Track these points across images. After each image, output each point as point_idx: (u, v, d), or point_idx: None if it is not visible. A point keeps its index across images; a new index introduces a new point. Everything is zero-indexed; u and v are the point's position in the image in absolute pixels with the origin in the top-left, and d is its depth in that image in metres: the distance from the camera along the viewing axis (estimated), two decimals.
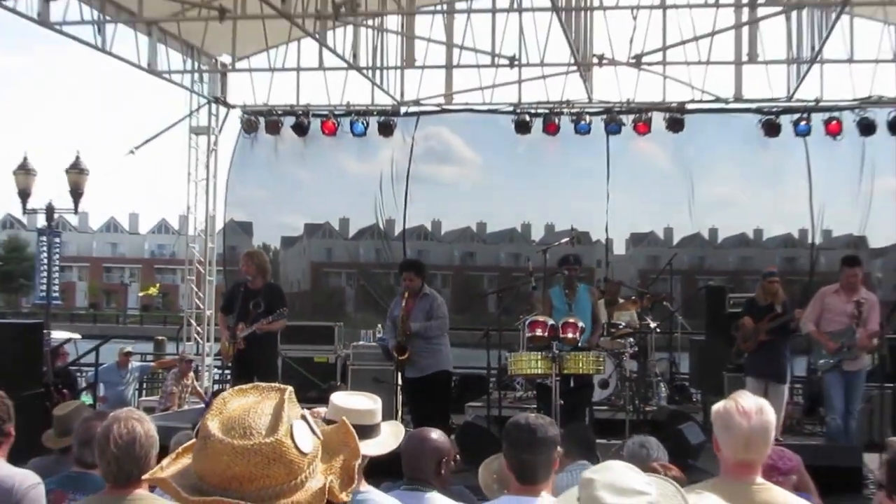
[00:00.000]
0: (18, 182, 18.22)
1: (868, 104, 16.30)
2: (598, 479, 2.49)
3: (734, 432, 4.01)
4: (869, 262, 17.11)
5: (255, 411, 2.02)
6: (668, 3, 14.87)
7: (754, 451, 4.04)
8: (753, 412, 4.01)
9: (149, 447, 4.00)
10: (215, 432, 1.95)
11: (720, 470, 4.16)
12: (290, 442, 1.97)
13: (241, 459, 1.93)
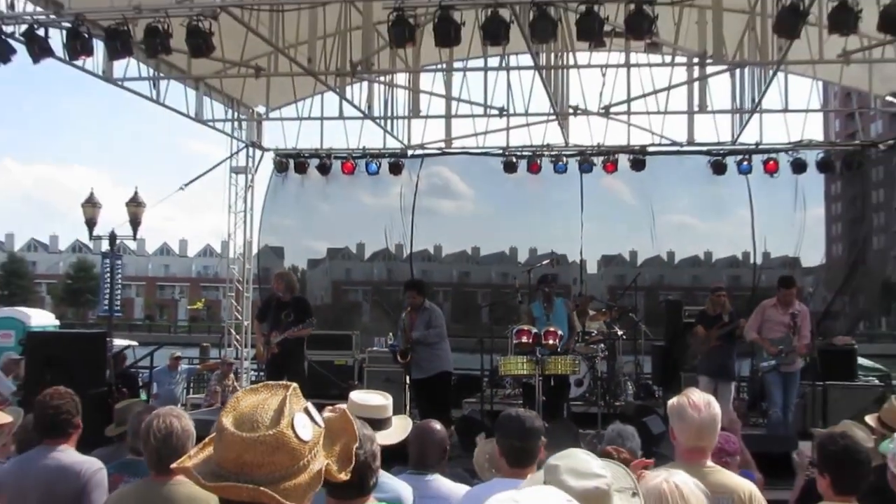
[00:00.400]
0: (86, 213, 18.17)
1: (800, 147, 16.40)
2: (562, 464, 2.48)
3: (687, 423, 4.03)
4: (801, 279, 17.11)
5: (262, 407, 2.05)
6: (631, 63, 14.90)
7: (705, 438, 4.05)
8: (703, 406, 4.03)
9: (185, 440, 4.02)
10: (228, 426, 2.01)
11: (676, 455, 4.17)
12: (291, 432, 2.01)
13: (250, 449, 1.97)
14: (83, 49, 10.56)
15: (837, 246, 22.75)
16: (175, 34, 10.42)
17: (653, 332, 15.81)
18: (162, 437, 4.02)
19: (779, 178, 16.55)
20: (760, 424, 12.43)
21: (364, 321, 20.27)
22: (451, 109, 16.42)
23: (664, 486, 2.83)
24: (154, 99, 13.87)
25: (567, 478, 2.42)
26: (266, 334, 11.72)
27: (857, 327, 19.60)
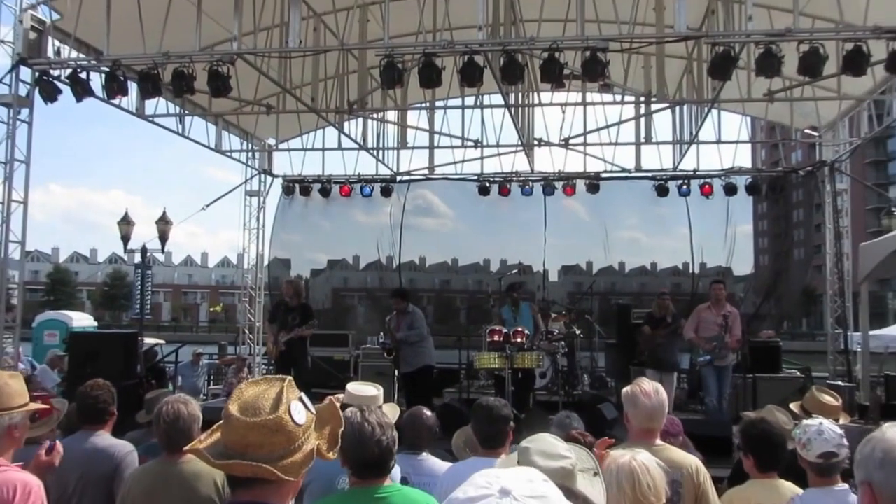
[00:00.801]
0: (121, 230, 18.11)
1: (731, 173, 16.50)
2: (532, 447, 2.49)
3: (640, 408, 4.05)
4: (733, 286, 17.19)
5: (263, 396, 2.10)
6: (587, 101, 15.01)
7: (655, 421, 4.08)
8: (653, 393, 4.06)
9: (190, 422, 4.05)
10: (234, 413, 2.06)
11: (629, 436, 4.18)
12: (288, 417, 2.07)
13: (253, 432, 2.03)
14: (119, 90, 10.55)
15: (764, 257, 22.88)
16: (198, 77, 10.42)
17: (606, 332, 15.85)
18: (170, 420, 4.08)
19: (713, 200, 16.65)
20: (699, 411, 12.46)
21: (359, 322, 20.19)
22: (434, 141, 16.44)
23: (633, 464, 2.88)
24: (180, 132, 13.82)
25: (537, 458, 2.43)
26: (275, 334, 11.72)
27: (781, 327, 19.70)
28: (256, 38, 10.99)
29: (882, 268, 11.98)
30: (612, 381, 14.88)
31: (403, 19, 11.92)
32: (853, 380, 13.76)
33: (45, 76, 10.49)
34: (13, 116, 10.55)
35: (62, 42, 10.91)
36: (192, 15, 10.20)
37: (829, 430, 3.84)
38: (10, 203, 10.51)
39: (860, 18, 9.30)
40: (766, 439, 4.04)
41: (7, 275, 10.70)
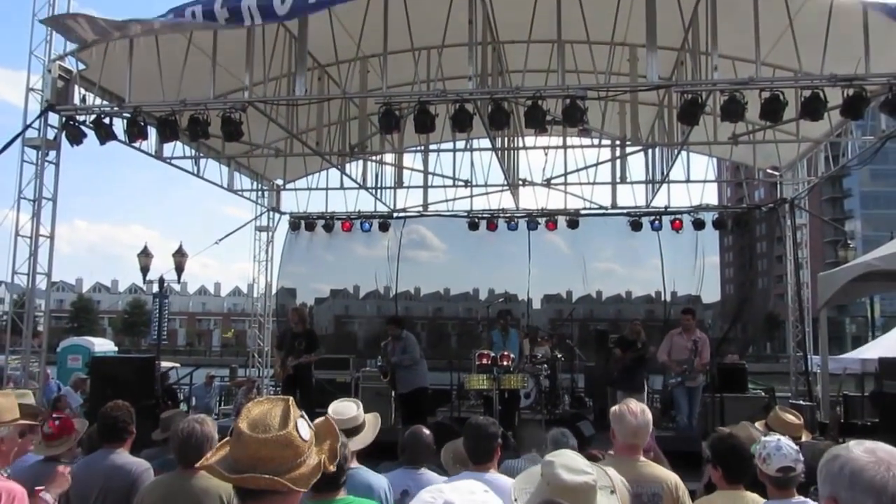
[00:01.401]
0: (141, 262, 18.09)
1: (699, 209, 16.55)
2: (557, 461, 2.47)
3: (626, 425, 4.05)
4: (702, 313, 17.19)
5: (270, 414, 2.11)
6: (567, 144, 15.10)
7: (639, 438, 4.09)
8: (639, 412, 4.07)
9: (203, 440, 4.03)
10: (245, 429, 2.06)
11: (614, 451, 4.18)
12: (296, 433, 2.08)
13: (263, 447, 2.03)
14: (140, 134, 10.56)
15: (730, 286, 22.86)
16: (212, 123, 10.46)
17: (585, 355, 15.80)
18: (184, 437, 4.07)
19: (683, 234, 16.71)
20: (671, 428, 12.39)
21: (359, 347, 20.10)
22: (427, 181, 16.48)
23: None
24: (195, 173, 13.83)
25: (561, 472, 2.41)
26: (283, 358, 11.68)
27: (747, 350, 19.66)
28: (266, 88, 11.03)
29: (839, 295, 11.99)
30: (590, 401, 14.80)
31: (400, 70, 11.99)
32: (814, 399, 13.72)
33: (71, 121, 10.49)
34: (41, 158, 10.56)
35: (87, 90, 10.92)
36: (208, 66, 10.23)
37: (787, 447, 3.83)
38: (37, 237, 10.49)
39: (817, 68, 9.37)
40: (734, 453, 4.02)
41: (34, 303, 10.67)
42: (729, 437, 4.18)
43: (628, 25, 11.07)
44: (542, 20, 10.76)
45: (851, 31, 8.64)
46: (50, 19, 10.18)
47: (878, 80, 9.06)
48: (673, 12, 10.01)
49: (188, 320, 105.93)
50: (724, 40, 9.42)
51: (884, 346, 16.95)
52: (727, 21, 9.37)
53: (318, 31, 10.52)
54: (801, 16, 9.25)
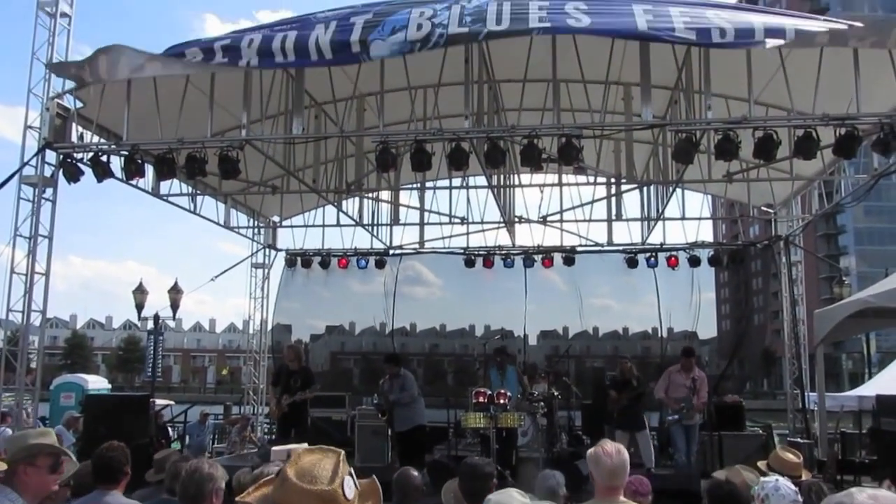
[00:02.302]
0: (136, 299, 18.09)
1: (695, 246, 16.58)
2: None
3: (602, 467, 4.02)
4: (699, 349, 17.12)
5: (319, 465, 2.11)
6: (563, 182, 15.17)
7: (617, 479, 4.04)
8: (614, 453, 4.04)
9: (203, 482, 3.98)
10: (292, 477, 2.07)
11: (595, 494, 4.15)
12: (341, 491, 2.08)
13: (308, 498, 2.04)
14: (137, 171, 10.59)
15: (726, 322, 22.91)
16: (209, 160, 10.48)
17: (582, 393, 15.70)
18: (187, 477, 4.04)
19: (679, 271, 16.74)
20: (669, 466, 12.31)
21: (355, 384, 20.04)
22: (424, 218, 16.49)
23: None
24: (192, 210, 13.82)
25: None
26: (278, 396, 11.58)
27: (744, 387, 19.62)
28: (263, 126, 11.11)
29: (835, 332, 11.99)
30: (588, 440, 14.66)
31: (397, 108, 12.11)
32: (811, 437, 13.65)
33: (68, 159, 10.49)
34: (38, 195, 10.57)
35: (85, 128, 10.93)
36: (205, 104, 10.29)
37: (785, 487, 3.82)
38: (33, 275, 10.46)
39: (809, 107, 9.48)
40: (732, 499, 3.99)
41: (27, 340, 10.61)
42: (727, 483, 4.16)
43: (622, 65, 11.18)
44: (537, 60, 10.90)
45: (842, 71, 8.74)
46: (57, 65, 10.31)
47: (869, 120, 9.15)
48: (666, 52, 10.13)
49: (183, 357, 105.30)
50: (716, 79, 9.53)
51: (881, 383, 16.89)
52: (720, 61, 9.49)
53: (316, 70, 10.62)
54: (792, 56, 9.36)
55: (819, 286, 65.45)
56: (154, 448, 9.48)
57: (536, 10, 8.49)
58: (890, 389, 13.95)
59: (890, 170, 10.52)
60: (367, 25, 8.72)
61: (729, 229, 55.79)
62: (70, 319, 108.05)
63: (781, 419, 17.31)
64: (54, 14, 10.90)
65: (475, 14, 8.55)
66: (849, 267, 77.59)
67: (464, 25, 8.45)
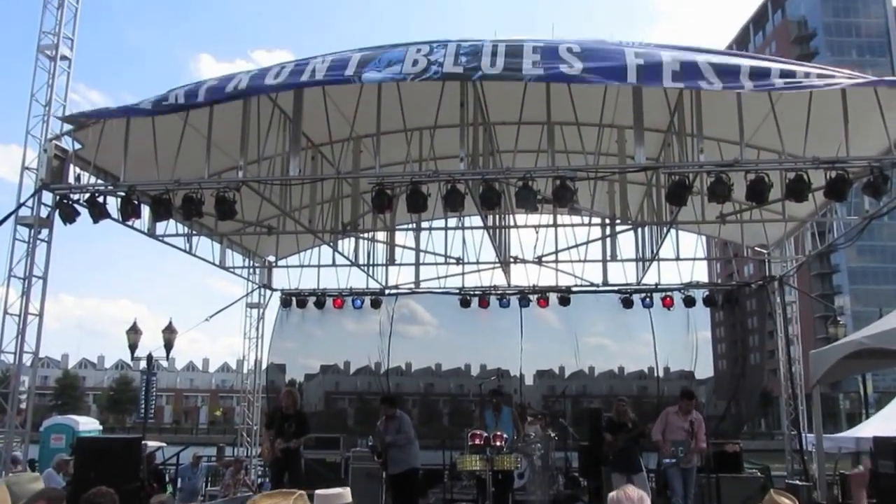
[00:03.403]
0: (129, 339, 17.99)
1: (689, 286, 16.64)
2: None
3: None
4: (696, 389, 17.10)
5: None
6: (558, 223, 15.24)
7: None
8: (636, 499, 4.02)
9: None
10: None
11: None
12: None
13: None
14: (133, 213, 10.55)
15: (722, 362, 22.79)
16: (206, 201, 10.50)
17: (578, 434, 15.63)
18: None
19: (674, 311, 16.78)
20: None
21: (350, 425, 19.89)
22: (420, 259, 16.55)
23: None
24: (188, 251, 13.80)
25: None
26: (272, 440, 11.48)
27: (742, 429, 19.52)
28: (260, 167, 11.16)
29: (831, 373, 11.99)
30: (584, 481, 14.58)
31: (393, 149, 12.22)
32: (810, 479, 13.58)
33: (65, 200, 10.49)
34: (33, 236, 10.57)
35: (82, 168, 10.92)
36: (203, 145, 10.33)
37: None
38: (26, 316, 10.43)
39: (800, 149, 9.60)
40: None
41: (19, 381, 10.53)
42: None
43: (616, 108, 11.34)
44: (531, 102, 11.03)
45: (832, 114, 8.86)
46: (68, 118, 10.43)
47: (859, 163, 9.27)
48: (659, 95, 10.28)
49: (175, 397, 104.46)
50: (708, 122, 9.65)
51: (877, 424, 16.85)
52: (711, 104, 9.62)
53: (313, 111, 10.73)
54: (782, 99, 9.50)
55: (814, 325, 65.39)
56: (146, 492, 9.41)
57: (530, 54, 8.59)
58: (887, 430, 13.91)
59: (881, 212, 10.61)
60: (363, 59, 8.90)
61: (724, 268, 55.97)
62: (62, 359, 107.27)
63: (779, 460, 17.23)
64: (54, 57, 11.02)
65: (470, 53, 8.69)
66: (843, 306, 77.70)
67: (458, 65, 8.58)
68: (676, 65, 8.30)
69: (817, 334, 59.31)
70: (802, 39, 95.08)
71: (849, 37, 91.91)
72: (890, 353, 10.13)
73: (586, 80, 8.56)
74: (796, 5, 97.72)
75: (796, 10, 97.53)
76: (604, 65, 8.49)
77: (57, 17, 11.16)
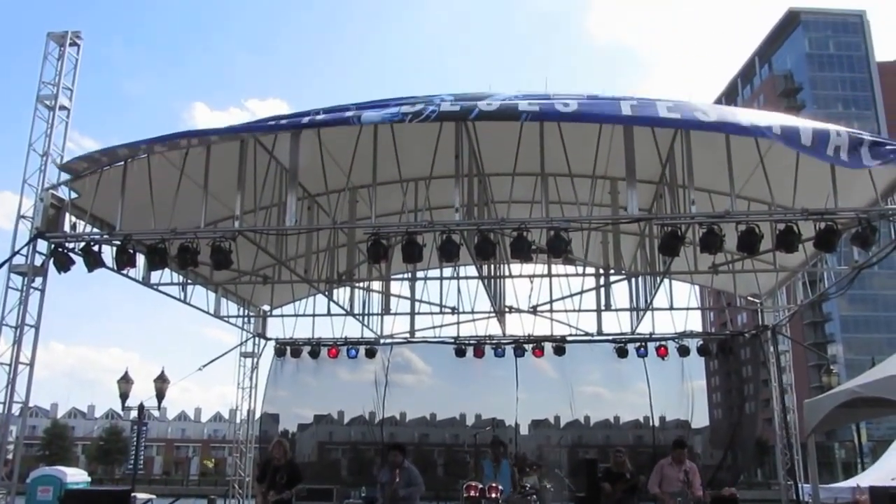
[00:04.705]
0: (120, 388, 17.74)
1: (684, 336, 16.61)
2: None
3: None
4: (692, 438, 17.03)
5: None
6: (552, 273, 15.26)
7: None
8: None
9: None
10: None
11: None
12: None
13: None
14: (128, 262, 10.54)
15: (718, 411, 22.73)
16: (202, 250, 10.50)
17: (574, 484, 15.45)
18: None
19: (668, 360, 16.76)
20: None
21: (343, 475, 19.63)
22: (415, 308, 16.49)
23: None
24: (182, 299, 13.73)
25: None
26: (264, 493, 11.29)
27: (739, 478, 19.34)
28: (256, 216, 11.18)
29: (825, 422, 11.94)
30: None
31: (389, 199, 12.28)
32: None
33: (60, 248, 10.48)
34: (27, 285, 10.52)
35: (78, 217, 10.90)
36: (199, 194, 10.34)
37: None
38: (17, 365, 10.32)
39: (790, 200, 9.69)
40: None
41: (7, 431, 10.37)
42: None
43: (609, 159, 11.45)
44: (525, 153, 11.14)
45: (820, 166, 8.96)
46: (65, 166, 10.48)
47: (847, 215, 9.35)
48: (650, 148, 10.41)
49: (166, 447, 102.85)
50: (699, 174, 9.74)
51: (873, 474, 16.72)
52: (702, 156, 9.72)
53: (309, 161, 10.80)
54: (771, 152, 9.63)
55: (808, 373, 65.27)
56: None
57: (525, 98, 8.90)
58: (883, 480, 13.81)
59: (870, 262, 10.68)
60: (361, 105, 9.14)
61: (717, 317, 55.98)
62: (51, 408, 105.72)
63: None
64: (53, 107, 11.11)
65: (466, 99, 8.96)
66: (836, 355, 77.61)
67: (455, 105, 8.87)
68: (670, 103, 8.58)
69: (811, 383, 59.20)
70: (789, 93, 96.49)
71: (834, 90, 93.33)
72: (884, 402, 10.12)
73: (581, 119, 8.78)
74: (783, 60, 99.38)
75: (783, 64, 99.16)
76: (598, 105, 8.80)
77: (57, 69, 11.28)
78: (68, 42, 11.39)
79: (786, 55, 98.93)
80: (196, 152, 10.18)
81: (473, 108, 8.78)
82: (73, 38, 11.45)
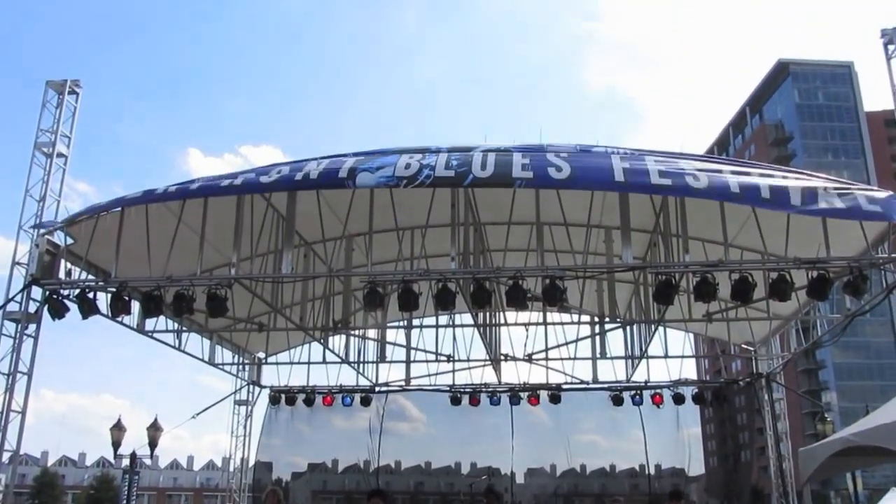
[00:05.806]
0: (113, 435, 17.51)
1: (678, 384, 16.53)
2: None
3: None
4: (687, 486, 16.85)
5: None
6: (547, 321, 15.21)
7: None
8: None
9: None
10: None
11: None
12: None
13: None
14: (123, 309, 10.50)
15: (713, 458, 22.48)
16: (197, 298, 10.44)
17: None
18: None
19: (664, 408, 16.65)
20: None
21: None
22: (410, 356, 16.42)
23: None
24: (177, 347, 13.63)
25: None
26: None
27: None
28: (252, 264, 11.17)
29: (821, 471, 11.79)
30: None
31: (385, 248, 12.29)
32: None
33: (54, 295, 10.40)
34: (20, 332, 10.44)
35: (74, 264, 10.87)
36: (195, 242, 10.34)
37: None
38: (8, 413, 10.19)
39: (782, 249, 9.73)
40: None
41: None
42: None
43: (603, 209, 11.51)
44: (521, 203, 11.20)
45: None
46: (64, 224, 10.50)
47: (838, 264, 9.38)
48: (644, 198, 10.46)
49: (157, 496, 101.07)
50: (693, 223, 9.80)
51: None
52: (695, 206, 9.78)
53: (306, 210, 10.83)
54: None
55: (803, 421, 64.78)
56: None
57: (520, 159, 8.82)
58: None
59: (863, 310, 10.69)
60: (357, 162, 9.08)
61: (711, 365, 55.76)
62: (41, 456, 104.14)
63: None
64: (51, 154, 11.15)
65: (461, 160, 8.89)
66: (830, 402, 77.25)
67: (450, 169, 8.79)
68: (661, 164, 8.54)
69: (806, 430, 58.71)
70: (780, 142, 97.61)
71: (824, 139, 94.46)
72: (879, 451, 10.01)
73: (573, 185, 8.76)
74: (773, 110, 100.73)
75: (773, 114, 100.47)
76: (591, 167, 8.73)
77: (55, 116, 11.35)
78: (67, 90, 11.49)
79: (776, 105, 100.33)
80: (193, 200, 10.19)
81: (468, 175, 8.68)
82: (72, 86, 11.56)
